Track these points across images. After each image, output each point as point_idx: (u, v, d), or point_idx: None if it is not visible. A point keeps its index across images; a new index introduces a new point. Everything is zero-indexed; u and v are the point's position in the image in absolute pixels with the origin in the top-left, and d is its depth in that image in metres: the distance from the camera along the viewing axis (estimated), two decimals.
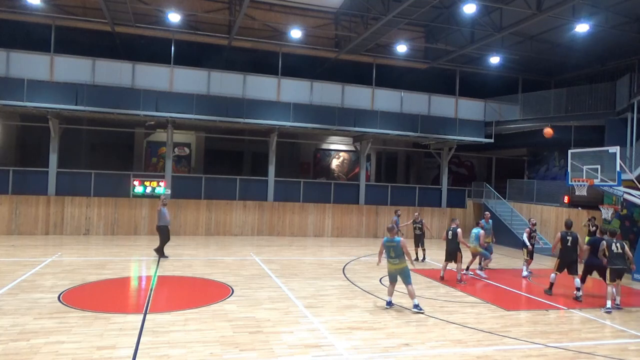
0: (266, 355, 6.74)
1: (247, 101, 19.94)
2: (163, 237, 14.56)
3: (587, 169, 14.86)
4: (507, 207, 22.34)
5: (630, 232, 17.15)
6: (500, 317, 9.30)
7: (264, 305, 9.40)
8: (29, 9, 18.05)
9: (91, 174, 19.45)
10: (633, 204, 15.77)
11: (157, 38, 20.17)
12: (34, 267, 12.09)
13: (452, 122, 22.73)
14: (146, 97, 18.70)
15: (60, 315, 8.14)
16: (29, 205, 18.41)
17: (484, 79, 24.70)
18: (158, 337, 7.27)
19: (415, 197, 23.75)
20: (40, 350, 6.51)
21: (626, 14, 17.27)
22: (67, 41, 19.27)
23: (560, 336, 8.21)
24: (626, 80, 18.38)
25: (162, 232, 14.59)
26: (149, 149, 24.37)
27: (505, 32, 18.13)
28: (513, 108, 23.35)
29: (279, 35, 21.12)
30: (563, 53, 21.25)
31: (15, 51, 18.11)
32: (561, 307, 10.36)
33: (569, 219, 12.34)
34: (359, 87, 21.98)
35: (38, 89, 17.72)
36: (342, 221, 21.98)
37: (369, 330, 8.05)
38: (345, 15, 21.02)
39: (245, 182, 21.43)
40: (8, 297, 9.22)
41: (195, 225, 20.23)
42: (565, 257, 11.31)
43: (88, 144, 23.27)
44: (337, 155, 28.02)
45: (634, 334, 8.62)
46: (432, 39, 22.53)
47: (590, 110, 20.09)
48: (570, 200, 19.87)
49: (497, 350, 7.40)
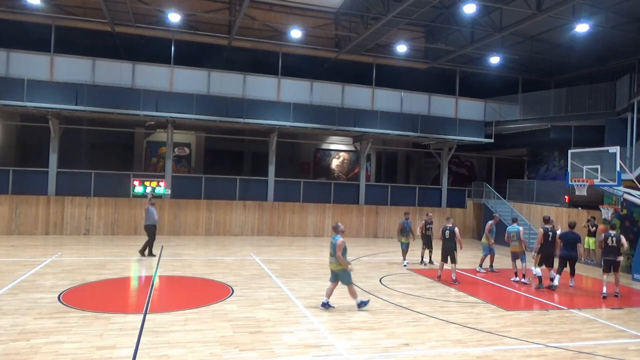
0: (266, 355, 6.74)
1: (247, 101, 19.94)
2: (150, 236, 14.45)
3: (587, 169, 14.86)
4: (507, 207, 22.33)
5: (630, 232, 17.14)
6: (500, 317, 9.30)
7: (264, 305, 9.41)
8: (29, 9, 18.05)
9: (91, 174, 19.46)
10: (633, 204, 15.76)
11: (157, 38, 20.17)
12: (34, 267, 12.09)
13: (452, 122, 22.73)
14: (146, 97, 18.70)
15: (60, 315, 8.14)
16: (29, 205, 18.41)
17: (484, 79, 24.70)
18: (158, 337, 7.27)
19: (415, 197, 23.75)
20: (40, 350, 6.51)
21: (626, 14, 17.26)
22: (67, 41, 19.27)
23: (560, 336, 8.21)
24: (626, 80, 18.37)
25: (149, 232, 14.46)
26: (149, 149, 24.37)
27: (505, 32, 18.13)
28: (513, 108, 23.34)
29: (279, 35, 21.13)
30: (563, 53, 21.25)
31: (15, 51, 18.11)
32: (561, 307, 10.36)
33: (546, 216, 12.75)
34: (359, 87, 21.98)
35: (38, 89, 17.73)
36: (342, 221, 21.85)
37: (369, 330, 8.05)
38: (345, 15, 21.03)
39: (245, 182, 21.44)
40: (8, 297, 9.22)
41: (195, 225, 20.23)
42: (546, 251, 11.93)
43: (88, 144, 23.28)
44: (337, 155, 28.02)
45: (634, 334, 8.62)
46: (432, 39, 22.53)
47: (590, 110, 20.08)
48: (570, 200, 19.87)
49: (497, 350, 7.40)
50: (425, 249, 15.45)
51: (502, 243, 20.07)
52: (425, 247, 15.42)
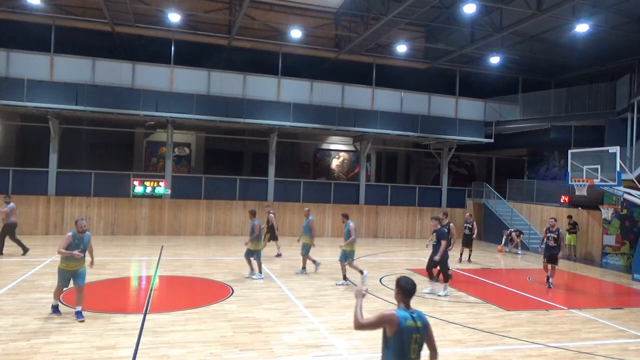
0: (266, 355, 6.74)
1: (247, 101, 19.94)
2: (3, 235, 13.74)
3: (587, 169, 14.86)
4: (507, 207, 22.33)
5: (630, 232, 17.17)
6: (500, 317, 9.30)
7: (264, 305, 9.41)
8: (29, 9, 18.04)
9: (91, 174, 19.45)
10: (633, 204, 15.77)
11: (157, 38, 20.16)
12: (34, 267, 12.09)
13: (452, 122, 22.73)
14: (146, 97, 18.70)
15: (60, 315, 8.14)
16: (29, 205, 18.40)
17: (484, 79, 24.68)
18: (158, 337, 7.27)
19: (415, 197, 23.76)
20: (40, 350, 6.52)
21: (626, 14, 17.26)
22: (67, 41, 19.26)
23: (560, 336, 8.21)
24: (626, 80, 18.37)
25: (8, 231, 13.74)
26: (149, 149, 24.37)
27: (505, 32, 18.12)
28: (513, 108, 23.34)
29: (279, 35, 21.12)
30: (563, 53, 21.24)
31: (15, 51, 18.10)
32: (561, 307, 10.36)
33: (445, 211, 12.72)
34: (359, 87, 21.97)
35: (38, 89, 17.72)
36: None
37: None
38: (345, 15, 21.01)
39: (245, 182, 21.43)
40: (8, 297, 9.22)
41: (195, 225, 20.22)
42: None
43: (88, 144, 23.26)
44: (337, 155, 28.01)
45: (634, 334, 8.63)
46: (432, 39, 22.53)
47: (590, 110, 20.08)
48: (570, 200, 19.89)
49: (497, 350, 7.40)
50: (464, 247, 16.05)
51: (500, 243, 20.09)
52: (463, 246, 16.02)
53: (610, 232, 17.58)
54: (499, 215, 21.98)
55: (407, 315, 3.93)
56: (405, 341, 3.87)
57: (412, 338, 3.89)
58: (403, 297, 4.03)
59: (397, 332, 3.88)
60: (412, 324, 3.91)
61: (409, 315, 3.93)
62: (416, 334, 3.90)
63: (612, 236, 17.56)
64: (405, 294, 4.03)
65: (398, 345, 3.89)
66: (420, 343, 3.95)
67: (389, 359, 3.94)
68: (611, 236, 17.57)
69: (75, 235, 8.06)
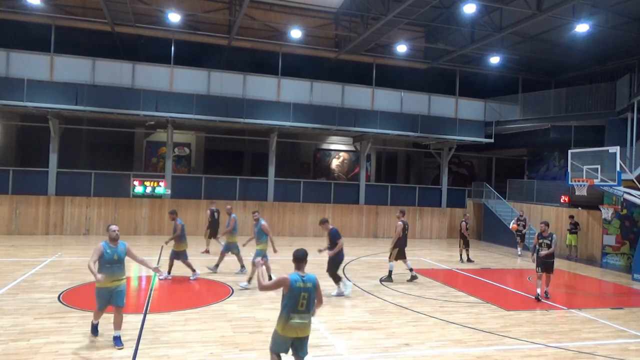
0: (266, 355, 6.70)
1: (247, 101, 19.94)
2: None
3: (587, 169, 14.86)
4: (507, 207, 22.33)
5: (630, 232, 17.18)
6: (500, 317, 9.30)
7: (264, 305, 9.40)
8: (29, 9, 18.04)
9: (91, 174, 19.45)
10: (633, 204, 15.77)
11: (157, 38, 20.15)
12: (34, 267, 12.09)
13: (452, 122, 22.73)
14: (146, 97, 18.70)
15: (60, 315, 8.14)
16: (29, 205, 18.41)
17: (484, 79, 24.69)
18: (158, 337, 7.27)
19: (415, 197, 23.75)
20: (40, 350, 6.52)
21: (626, 14, 17.25)
22: (67, 41, 19.27)
23: (560, 336, 8.21)
24: (626, 80, 18.37)
25: None
26: (149, 149, 24.37)
27: (505, 32, 18.12)
28: (513, 108, 23.34)
29: (279, 35, 21.11)
30: (563, 53, 21.24)
31: (15, 51, 18.10)
32: (561, 307, 10.36)
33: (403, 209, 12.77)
34: (359, 87, 21.97)
35: (38, 89, 17.72)
36: (342, 221, 21.94)
37: (369, 330, 8.05)
38: (345, 15, 21.01)
39: (245, 182, 21.43)
40: (8, 297, 9.22)
41: (195, 225, 20.19)
42: (403, 245, 12.13)
43: (88, 144, 23.25)
44: (337, 155, 28.01)
45: (634, 334, 8.63)
46: (432, 39, 22.52)
47: (590, 110, 20.07)
48: (570, 200, 19.89)
49: (497, 350, 7.40)
50: (463, 247, 16.39)
51: (501, 243, 20.10)
52: (464, 246, 16.37)
53: (610, 232, 17.58)
54: (499, 215, 21.97)
55: (298, 277, 5.16)
56: (295, 297, 5.07)
57: (301, 295, 5.09)
58: (296, 263, 5.34)
59: (290, 291, 5.08)
60: (301, 284, 5.12)
61: (299, 278, 5.16)
62: (305, 292, 5.11)
63: (612, 236, 17.56)
64: (296, 260, 5.34)
65: (290, 301, 5.07)
66: (309, 299, 5.14)
67: (284, 311, 5.08)
68: (611, 236, 17.57)
69: (108, 245, 6.91)
